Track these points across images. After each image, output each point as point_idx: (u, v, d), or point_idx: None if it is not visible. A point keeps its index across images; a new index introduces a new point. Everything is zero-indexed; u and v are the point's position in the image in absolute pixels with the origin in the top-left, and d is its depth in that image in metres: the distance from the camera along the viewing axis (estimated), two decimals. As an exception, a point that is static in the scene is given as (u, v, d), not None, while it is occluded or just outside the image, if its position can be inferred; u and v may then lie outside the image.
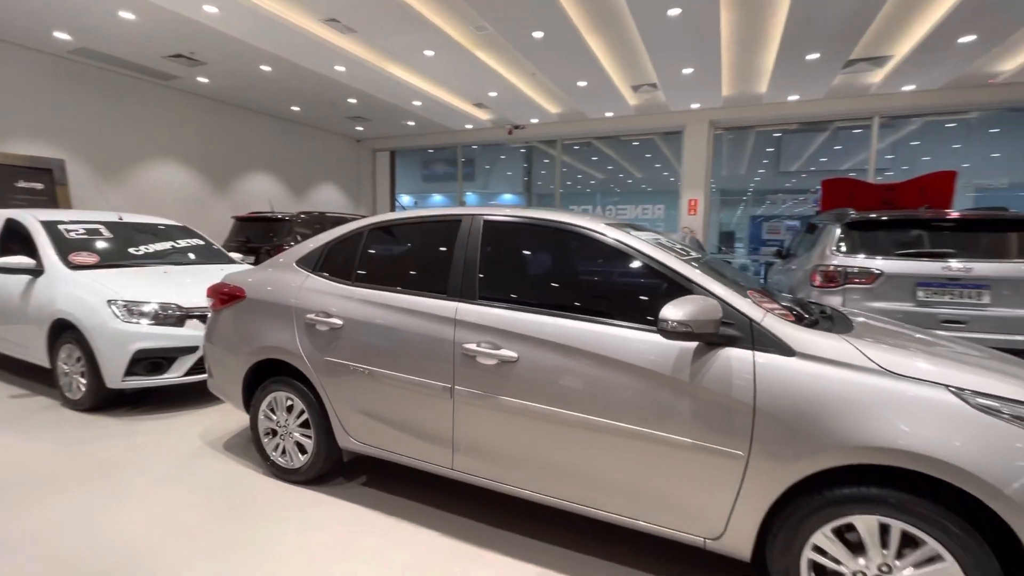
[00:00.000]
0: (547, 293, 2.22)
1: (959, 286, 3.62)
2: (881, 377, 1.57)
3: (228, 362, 2.89)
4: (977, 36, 5.83)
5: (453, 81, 8.11)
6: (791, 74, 7.27)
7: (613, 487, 1.90)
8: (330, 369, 2.48)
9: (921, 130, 9.75)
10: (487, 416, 2.11)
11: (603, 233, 2.09)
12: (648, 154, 12.88)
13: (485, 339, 2.11)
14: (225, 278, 3.05)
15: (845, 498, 1.57)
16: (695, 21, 5.54)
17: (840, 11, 5.31)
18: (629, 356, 1.85)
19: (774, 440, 1.62)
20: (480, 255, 2.29)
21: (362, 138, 13.07)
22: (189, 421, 3.59)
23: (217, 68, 7.60)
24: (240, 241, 7.68)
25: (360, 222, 2.72)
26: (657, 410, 1.79)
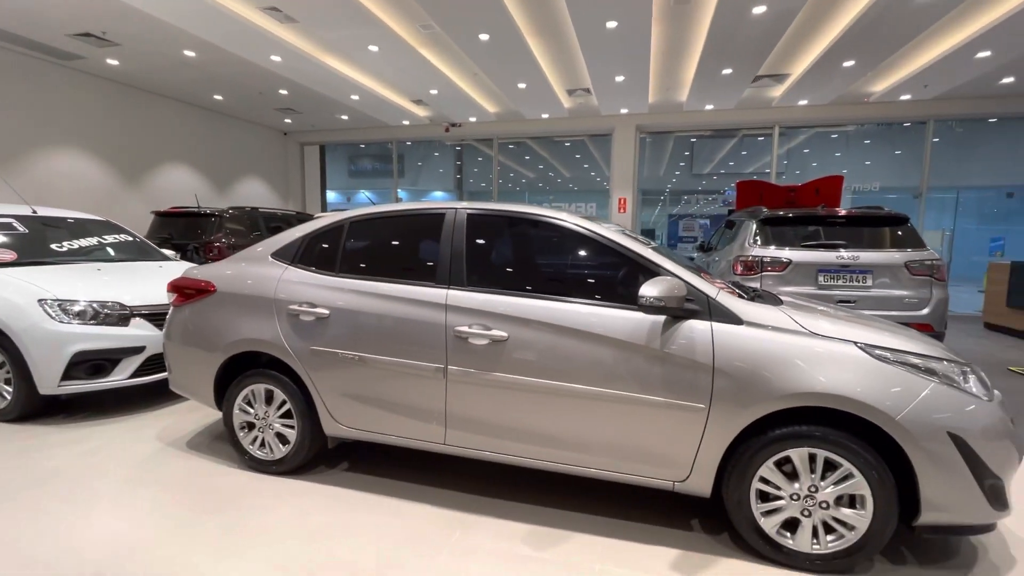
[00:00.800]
0: (531, 279, 2.47)
1: (849, 272, 4.34)
2: (808, 338, 1.98)
3: (196, 358, 2.84)
4: (856, 61, 6.86)
5: (395, 77, 8.09)
6: (707, 86, 8.06)
7: (596, 446, 2.18)
8: (317, 358, 2.55)
9: (810, 140, 11.12)
10: (479, 392, 2.31)
11: (579, 225, 2.37)
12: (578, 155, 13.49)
13: (476, 321, 2.31)
14: (187, 273, 2.98)
15: (784, 436, 1.96)
16: (629, 33, 6.03)
17: (751, 33, 6.03)
18: (608, 330, 2.14)
19: (729, 394, 1.98)
20: (467, 246, 2.48)
21: (290, 131, 12.53)
22: (140, 424, 3.43)
23: (131, 50, 7.02)
24: (162, 238, 7.16)
25: (339, 215, 2.80)
26: (633, 375, 2.09)
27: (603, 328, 2.14)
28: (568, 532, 2.24)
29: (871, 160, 11.52)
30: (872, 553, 1.92)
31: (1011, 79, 7.68)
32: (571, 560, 2.04)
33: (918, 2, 5.30)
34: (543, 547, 2.12)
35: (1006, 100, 8.69)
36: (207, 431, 3.32)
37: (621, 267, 2.30)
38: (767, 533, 2.02)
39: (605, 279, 2.36)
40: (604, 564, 2.02)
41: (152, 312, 3.69)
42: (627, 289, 2.23)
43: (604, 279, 2.36)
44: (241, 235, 7.26)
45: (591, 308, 2.20)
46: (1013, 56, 6.62)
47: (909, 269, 4.23)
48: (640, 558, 2.06)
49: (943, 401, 1.86)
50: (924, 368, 1.92)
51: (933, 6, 5.40)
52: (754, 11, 5.44)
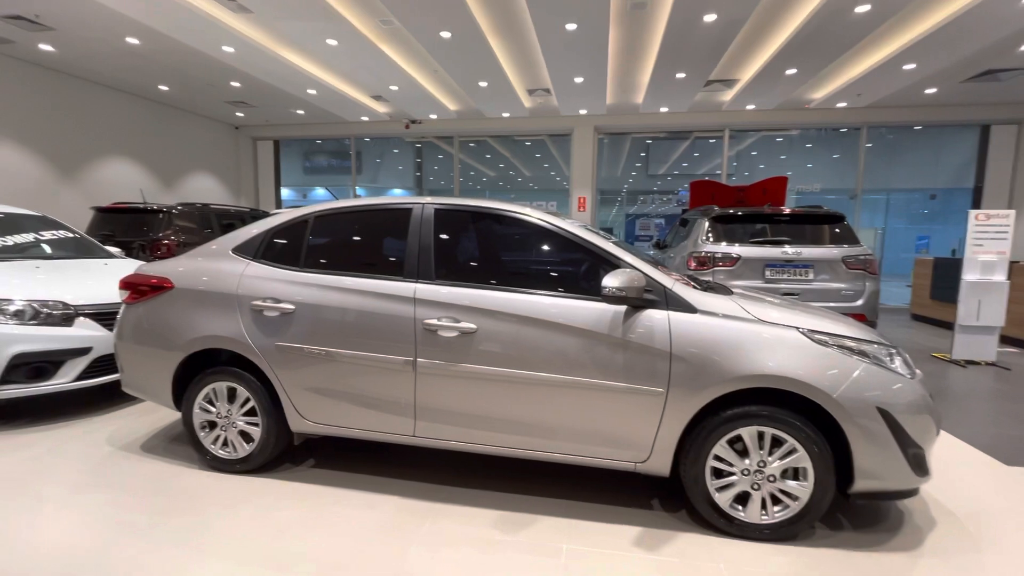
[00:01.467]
0: (499, 272, 2.54)
1: (793, 266, 4.64)
2: (756, 324, 2.14)
3: (153, 357, 2.74)
4: (797, 69, 7.30)
5: (354, 72, 7.95)
6: (662, 89, 8.36)
7: (562, 431, 2.28)
8: (282, 354, 2.53)
9: (758, 143, 11.71)
10: (448, 383, 2.36)
11: (544, 220, 2.46)
12: (538, 154, 13.65)
13: (445, 315, 2.35)
14: (141, 269, 2.87)
15: (735, 416, 2.11)
16: (587, 36, 6.18)
17: (702, 39, 6.31)
18: (572, 320, 2.23)
19: (685, 378, 2.12)
20: (435, 240, 2.52)
21: (242, 125, 12.06)
22: (89, 428, 3.27)
23: (68, 35, 6.59)
24: (103, 235, 6.77)
25: (303, 209, 2.78)
26: (596, 363, 2.20)
27: (568, 318, 2.24)
28: (535, 516, 2.32)
29: (812, 163, 12.23)
30: (813, 520, 2.10)
31: (934, 90, 8.36)
32: (539, 542, 2.12)
33: (852, 17, 5.70)
34: (512, 531, 2.20)
35: (930, 109, 9.45)
36: (162, 433, 3.20)
37: (584, 260, 2.40)
38: (721, 507, 2.17)
39: (569, 272, 2.45)
40: (570, 544, 2.11)
41: (99, 311, 3.52)
42: (590, 281, 2.33)
43: (568, 272, 2.46)
44: (192, 233, 6.96)
45: (556, 300, 2.29)
46: (935, 68, 7.22)
47: (845, 264, 4.57)
48: (604, 536, 2.16)
49: (873, 380, 2.05)
50: (857, 350, 2.12)
51: (865, 20, 5.82)
52: (705, 18, 5.70)
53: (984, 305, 5.32)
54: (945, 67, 7.12)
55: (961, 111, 9.38)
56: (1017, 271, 6.10)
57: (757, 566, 1.97)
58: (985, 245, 5.32)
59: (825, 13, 5.58)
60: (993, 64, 7.08)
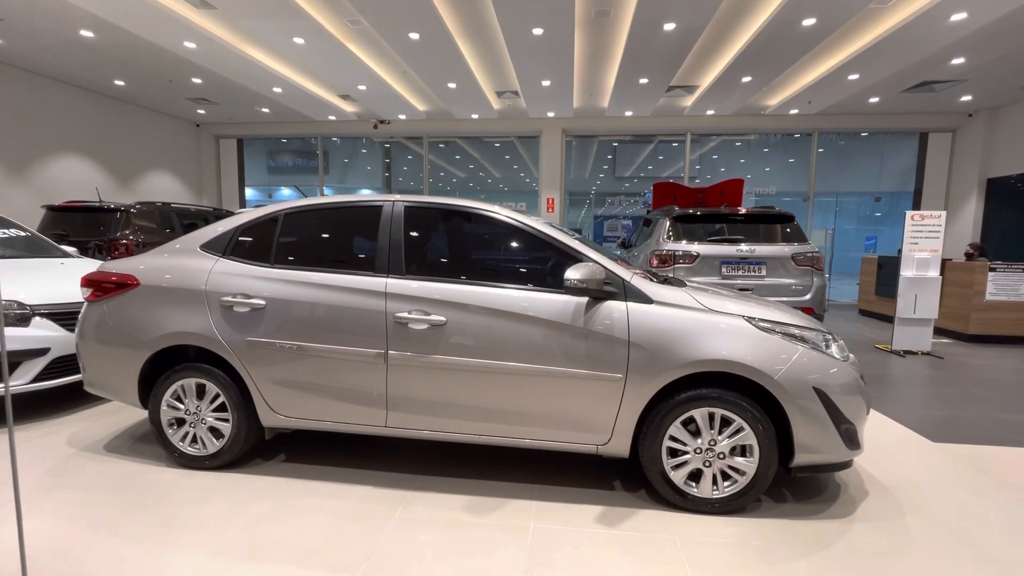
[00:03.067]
0: (467, 267, 2.64)
1: (748, 263, 4.91)
2: (706, 314, 2.32)
3: (117, 355, 2.72)
4: (752, 77, 7.68)
5: (321, 71, 7.90)
6: (626, 93, 8.63)
7: (528, 417, 2.39)
8: (253, 349, 2.56)
9: (718, 147, 12.18)
10: (419, 375, 2.44)
11: (511, 217, 2.57)
12: (507, 155, 13.79)
13: (416, 308, 2.44)
14: (104, 267, 2.84)
15: (688, 399, 2.28)
16: (554, 40, 6.35)
17: (663, 46, 6.58)
18: (538, 312, 2.36)
19: (642, 364, 2.27)
20: (405, 236, 2.60)
21: (203, 122, 11.75)
22: (47, 431, 3.19)
23: (17, 26, 6.33)
24: (56, 235, 6.51)
25: (273, 207, 2.81)
26: (560, 352, 2.33)
27: (534, 310, 2.36)
28: (504, 499, 2.43)
29: (770, 167, 12.80)
30: (759, 493, 2.29)
31: (877, 99, 8.92)
32: (507, 522, 2.23)
33: (799, 29, 6.06)
34: (481, 514, 2.30)
35: (874, 117, 10.06)
36: (126, 434, 3.16)
37: (549, 255, 2.53)
38: (676, 484, 2.33)
39: (535, 266, 2.58)
40: (537, 523, 2.23)
41: (57, 312, 3.44)
42: (554, 275, 2.46)
43: (534, 266, 2.58)
44: (152, 232, 6.78)
45: (522, 292, 2.41)
46: (876, 79, 7.72)
47: (795, 260, 4.87)
48: (569, 516, 2.29)
49: (811, 363, 2.25)
50: (796, 336, 2.32)
51: (811, 33, 6.20)
52: (665, 27, 5.95)
53: (920, 299, 5.75)
54: (885, 78, 7.62)
55: (902, 119, 10.02)
56: (949, 268, 6.59)
57: (709, 537, 2.14)
58: (920, 244, 5.74)
59: (775, 25, 5.91)
60: (928, 76, 7.62)
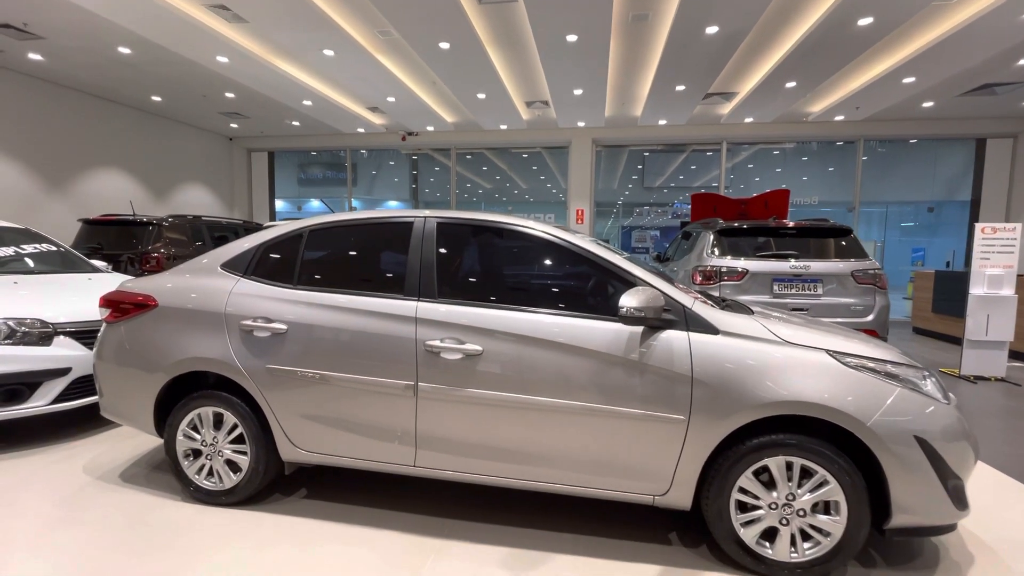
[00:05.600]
0: (506, 290, 2.39)
1: (802, 281, 4.53)
2: (782, 346, 2.01)
3: (134, 380, 2.57)
4: (797, 83, 7.29)
5: (350, 83, 7.87)
6: (661, 101, 8.34)
7: (575, 461, 2.12)
8: (273, 377, 2.36)
9: (754, 156, 11.73)
10: (452, 410, 2.20)
11: (554, 235, 2.32)
12: (535, 166, 13.63)
13: (449, 335, 2.20)
14: (123, 286, 2.71)
15: (762, 445, 1.96)
16: (588, 48, 6.13)
17: (703, 52, 6.29)
18: (585, 342, 2.09)
19: (708, 404, 1.97)
20: (437, 256, 2.38)
21: (236, 136, 11.95)
22: (66, 455, 3.07)
23: (58, 45, 6.47)
24: (91, 248, 6.59)
25: (297, 223, 2.63)
26: (612, 388, 2.05)
27: (581, 340, 2.09)
28: (546, 553, 2.15)
29: (808, 176, 12.27)
30: (848, 558, 1.95)
31: (931, 103, 8.38)
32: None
33: (854, 30, 5.69)
34: (521, 570, 2.02)
35: (926, 123, 9.49)
36: (144, 460, 3.01)
37: (598, 278, 2.27)
38: (747, 544, 2.01)
39: (581, 290, 2.31)
40: (587, 586, 1.94)
41: (80, 330, 3.34)
42: (604, 300, 2.20)
43: (580, 290, 2.32)
44: (182, 245, 6.80)
45: (568, 319, 2.15)
46: (934, 82, 7.23)
47: (855, 278, 4.47)
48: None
49: (908, 405, 1.92)
50: (889, 374, 1.98)
51: (867, 34, 5.81)
52: (707, 31, 5.66)
53: (993, 319, 5.23)
54: (943, 80, 7.13)
55: (957, 124, 9.42)
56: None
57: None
58: (992, 259, 5.24)
59: (827, 25, 5.56)
60: (990, 78, 7.10)
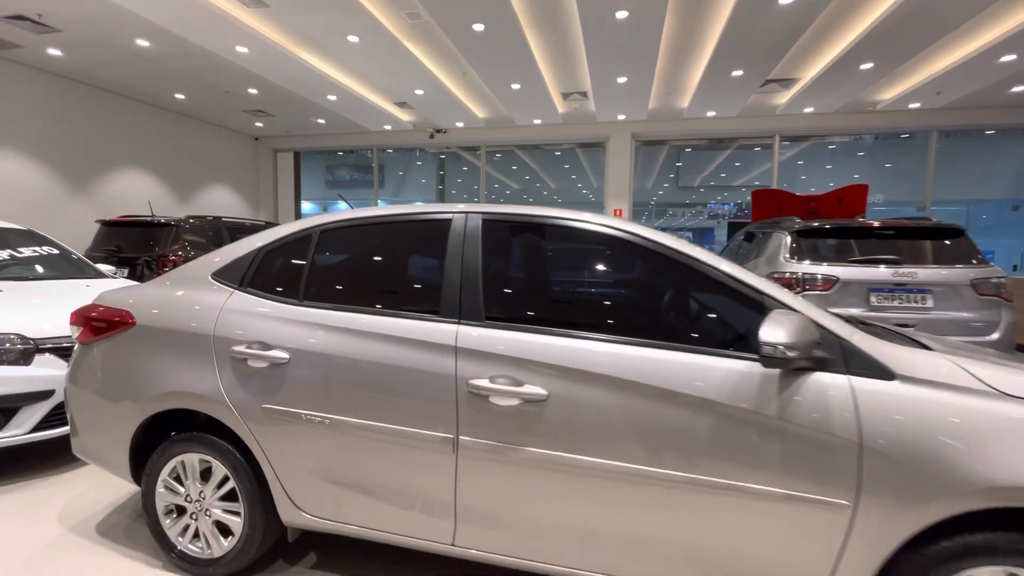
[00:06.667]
0: (577, 312, 1.77)
1: (906, 291, 3.78)
2: (999, 400, 1.34)
3: (106, 415, 2.07)
4: (874, 64, 6.47)
5: (377, 74, 7.40)
6: (713, 90, 7.60)
7: (677, 553, 1.50)
8: (271, 420, 1.82)
9: (800, 151, 10.86)
10: (505, 473, 1.61)
11: (648, 237, 1.71)
12: (566, 164, 13.04)
13: (501, 372, 1.61)
14: (100, 298, 2.21)
15: (967, 550, 1.31)
16: (640, 25, 5.48)
17: (772, 27, 5.55)
18: (695, 387, 1.47)
19: (886, 483, 1.33)
20: (484, 263, 1.79)
21: (261, 136, 11.71)
22: (42, 495, 2.61)
23: (75, 38, 6.19)
24: (108, 250, 6.31)
25: (306, 221, 2.09)
26: (736, 455, 1.43)
27: (688, 384, 1.48)
28: None
29: (861, 173, 11.32)
30: None
31: (1021, 88, 7.40)
32: None
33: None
34: None
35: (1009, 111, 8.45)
36: (128, 505, 2.52)
37: (711, 298, 1.64)
38: None
39: (687, 314, 1.69)
40: None
41: (66, 346, 2.90)
42: (721, 328, 1.58)
43: (686, 314, 1.69)
44: (201, 247, 6.44)
45: (668, 355, 1.53)
46: (1034, 62, 6.31)
47: (975, 288, 3.69)
48: None
49: None
50: None
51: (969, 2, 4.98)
52: (781, 1, 4.94)
53: None
54: (1047, 59, 6.21)
55: (1048, 112, 8.37)
56: None
57: None
58: None
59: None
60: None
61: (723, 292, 1.60)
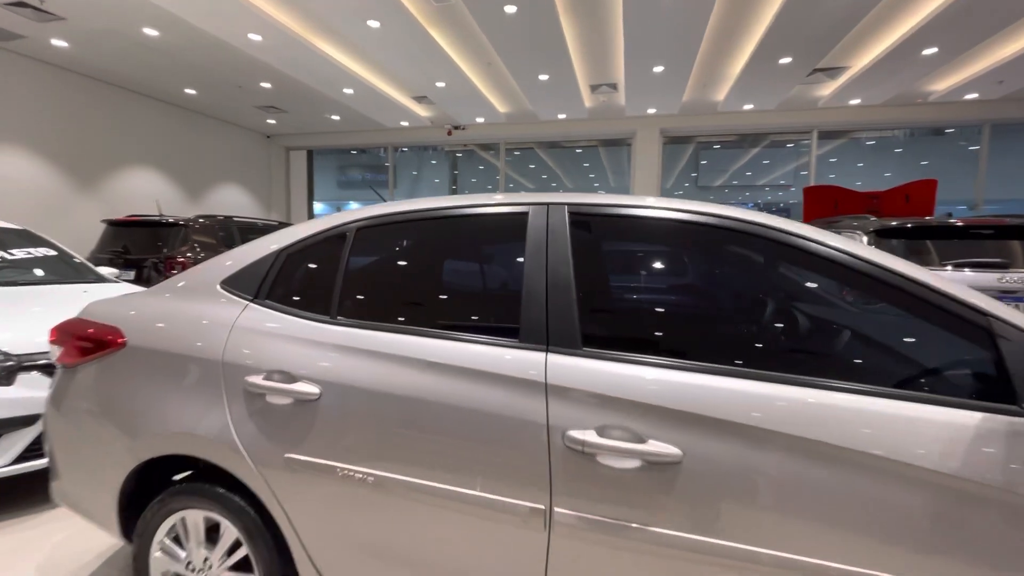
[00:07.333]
0: (716, 340, 1.31)
1: (1016, 299, 3.28)
2: None
3: (91, 457, 1.66)
4: (939, 48, 5.94)
5: (396, 65, 6.99)
6: (756, 80, 7.11)
7: None
8: (296, 473, 1.40)
9: (833, 148, 10.33)
10: (617, 561, 1.17)
11: (814, 239, 1.26)
12: (586, 163, 12.62)
13: (612, 421, 1.17)
14: (87, 311, 1.81)
15: None
16: (687, 7, 5.02)
17: (830, 10, 5.06)
18: (900, 450, 1.02)
19: None
20: (576, 272, 1.35)
21: (274, 133, 11.38)
22: (21, 540, 2.21)
23: (80, 26, 5.85)
24: (115, 251, 5.98)
25: (338, 217, 1.66)
26: (966, 551, 0.97)
27: (890, 444, 1.02)
28: None
29: (891, 172, 10.79)
30: None
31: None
32: None
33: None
34: None
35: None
36: (121, 557, 2.12)
37: (916, 323, 1.18)
38: None
39: (887, 347, 1.22)
40: None
41: (53, 362, 2.50)
42: (934, 368, 1.12)
43: (884, 347, 1.22)
44: (212, 249, 6.08)
45: (867, 402, 1.08)
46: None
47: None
48: None
49: None
50: None
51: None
52: (850, -24, 4.46)
53: None
54: None
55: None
56: None
57: None
58: None
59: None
60: None
61: (933, 314, 1.14)
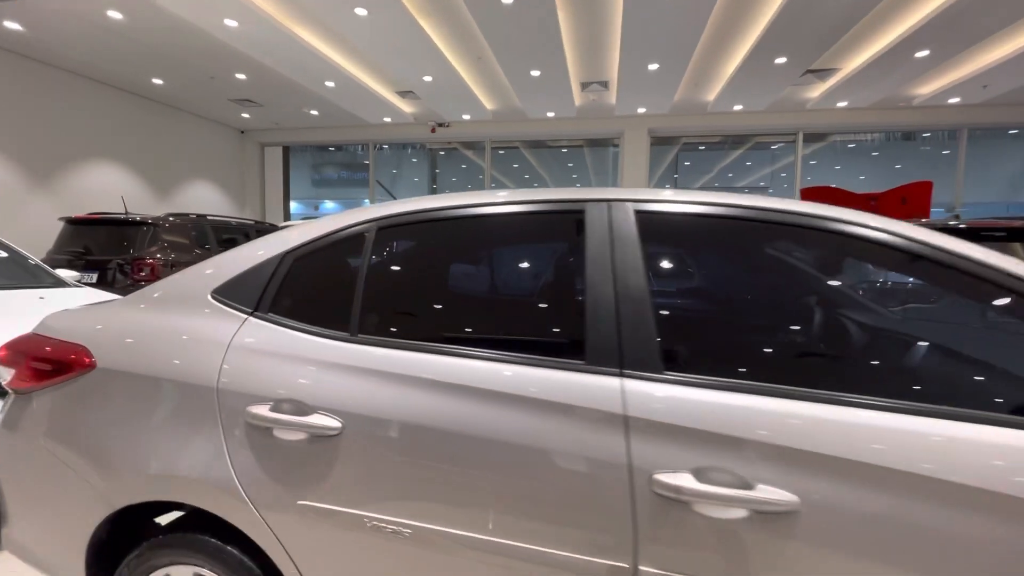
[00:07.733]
0: (843, 361, 1.11)
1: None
2: None
3: (51, 503, 1.38)
4: (930, 51, 5.98)
5: (382, 58, 6.69)
6: (748, 80, 7.08)
7: None
8: (311, 525, 1.15)
9: (813, 151, 10.51)
10: (720, 632, 0.97)
11: (960, 253, 1.08)
12: (570, 163, 12.53)
13: (709, 462, 0.97)
14: (44, 325, 1.51)
15: None
16: (688, 4, 4.89)
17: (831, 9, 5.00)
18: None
19: None
20: (650, 281, 1.15)
21: (248, 129, 10.88)
22: (-36, 595, 1.89)
23: (36, 8, 5.38)
24: (74, 252, 5.52)
25: (355, 214, 1.42)
26: None
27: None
28: None
29: (864, 175, 11.04)
30: None
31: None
32: None
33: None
34: None
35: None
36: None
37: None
38: None
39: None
40: None
41: (3, 382, 2.16)
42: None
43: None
44: (183, 250, 5.68)
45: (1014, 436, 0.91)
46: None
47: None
48: None
49: None
50: None
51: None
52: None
53: None
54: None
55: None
56: None
57: None
58: None
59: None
60: None
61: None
